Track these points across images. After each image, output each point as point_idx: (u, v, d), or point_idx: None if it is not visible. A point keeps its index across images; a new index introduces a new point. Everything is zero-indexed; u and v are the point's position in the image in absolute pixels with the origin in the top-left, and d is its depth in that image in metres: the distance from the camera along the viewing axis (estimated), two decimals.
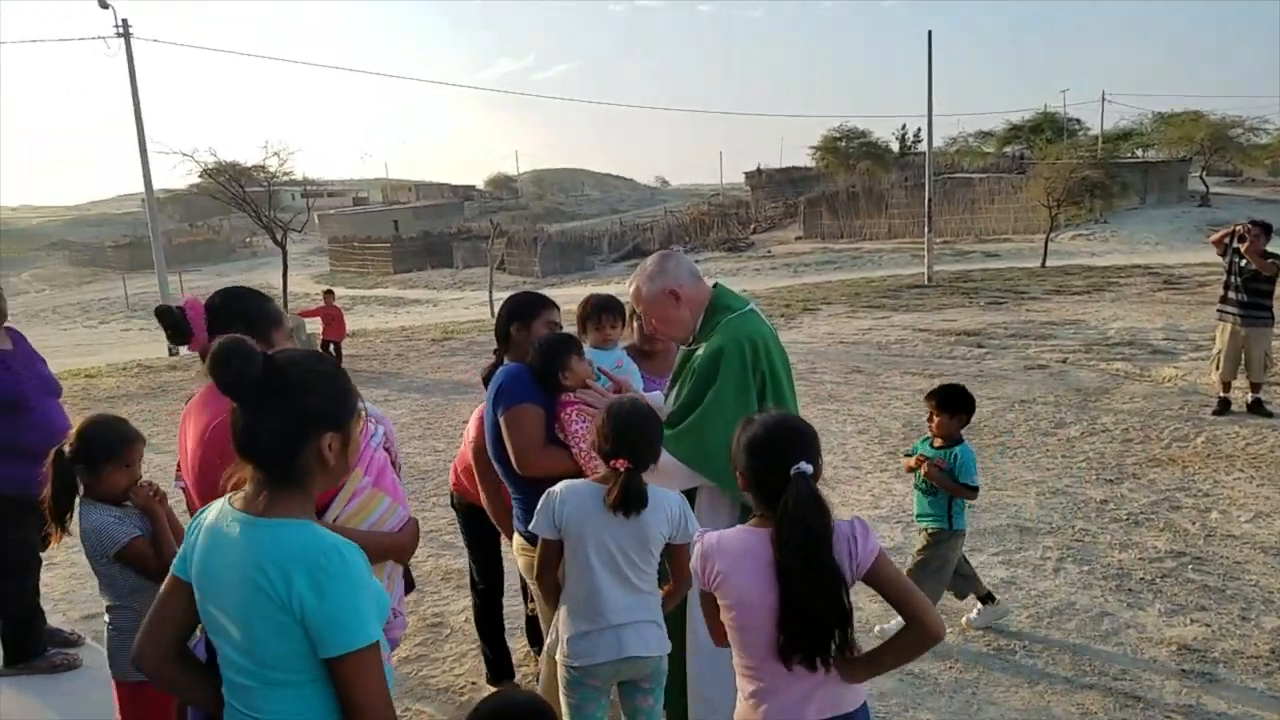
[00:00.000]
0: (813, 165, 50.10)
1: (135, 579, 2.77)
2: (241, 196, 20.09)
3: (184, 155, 19.80)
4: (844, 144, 46.95)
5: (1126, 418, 7.94)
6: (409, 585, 2.73)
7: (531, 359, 3.12)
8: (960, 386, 4.34)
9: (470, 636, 4.23)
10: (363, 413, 1.82)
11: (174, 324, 2.28)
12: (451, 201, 73.12)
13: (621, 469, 2.48)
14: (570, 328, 3.43)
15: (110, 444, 2.77)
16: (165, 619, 1.76)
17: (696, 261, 34.52)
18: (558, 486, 2.61)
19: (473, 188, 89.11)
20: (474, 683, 3.96)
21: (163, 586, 1.79)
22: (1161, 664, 3.86)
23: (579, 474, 2.86)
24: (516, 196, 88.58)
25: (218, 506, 1.73)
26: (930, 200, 23.95)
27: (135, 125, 18.22)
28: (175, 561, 1.78)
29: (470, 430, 3.59)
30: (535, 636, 4.00)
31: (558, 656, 2.63)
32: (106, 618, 2.86)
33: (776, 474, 2.01)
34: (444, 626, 4.53)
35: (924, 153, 26.24)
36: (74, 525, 2.86)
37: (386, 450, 2.52)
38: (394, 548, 2.34)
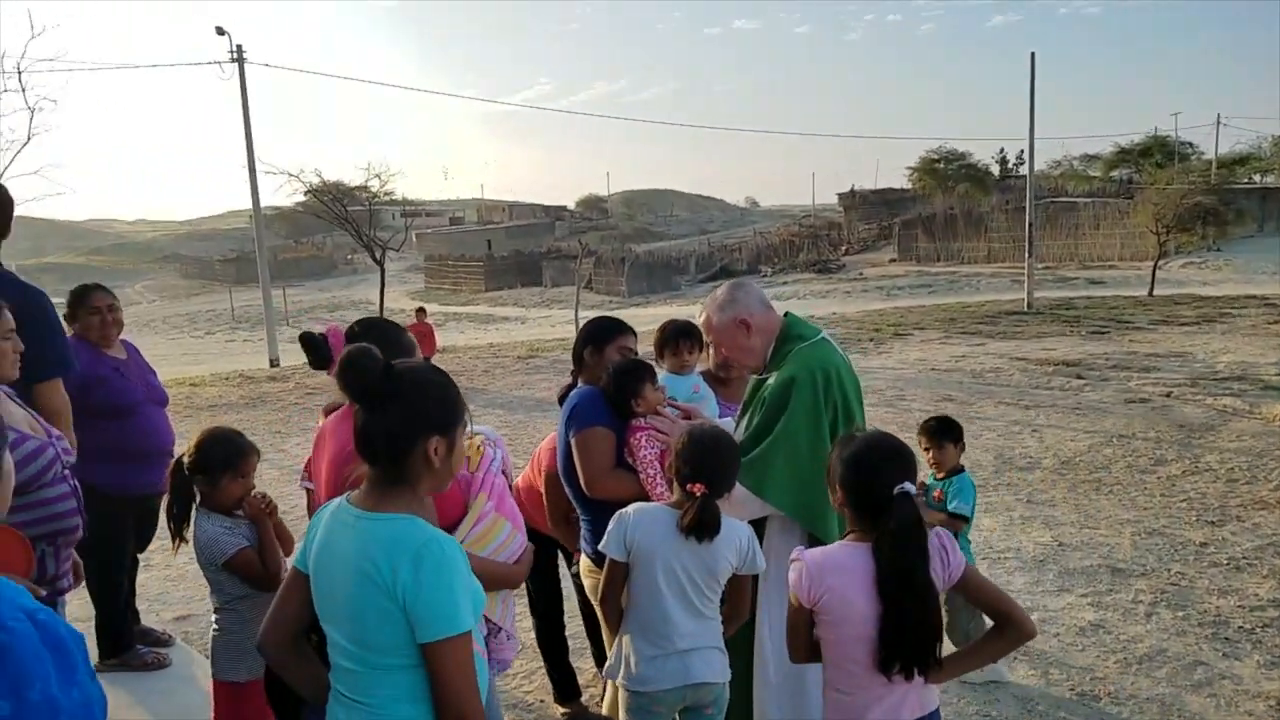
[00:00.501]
0: (909, 187, 49.38)
1: (242, 586, 2.91)
2: (344, 216, 20.83)
3: (290, 175, 20.63)
4: (942, 165, 46.18)
5: (1232, 457, 7.53)
6: None
7: (605, 383, 3.15)
8: (946, 417, 4.33)
9: (539, 654, 4.26)
10: (469, 425, 1.95)
11: (316, 349, 2.38)
12: (543, 221, 74.49)
13: (698, 494, 2.48)
14: (648, 350, 3.45)
15: (228, 456, 2.91)
16: (286, 609, 1.94)
17: (784, 283, 34.09)
18: (629, 508, 2.63)
19: (564, 208, 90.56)
20: (543, 700, 3.99)
21: (286, 578, 1.97)
22: (1258, 718, 3.63)
23: (645, 498, 2.87)
24: (606, 217, 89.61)
25: (335, 503, 1.89)
26: (1031, 224, 23.27)
27: (245, 146, 19.11)
28: (297, 555, 1.95)
29: (542, 458, 3.64)
30: (603, 658, 4.00)
31: (620, 680, 2.63)
32: (213, 619, 3.00)
33: (878, 492, 2.12)
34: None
35: (1025, 175, 25.54)
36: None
37: (503, 474, 2.58)
38: (510, 577, 2.41)
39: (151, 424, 4.07)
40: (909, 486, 2.11)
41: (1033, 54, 22.02)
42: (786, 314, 3.09)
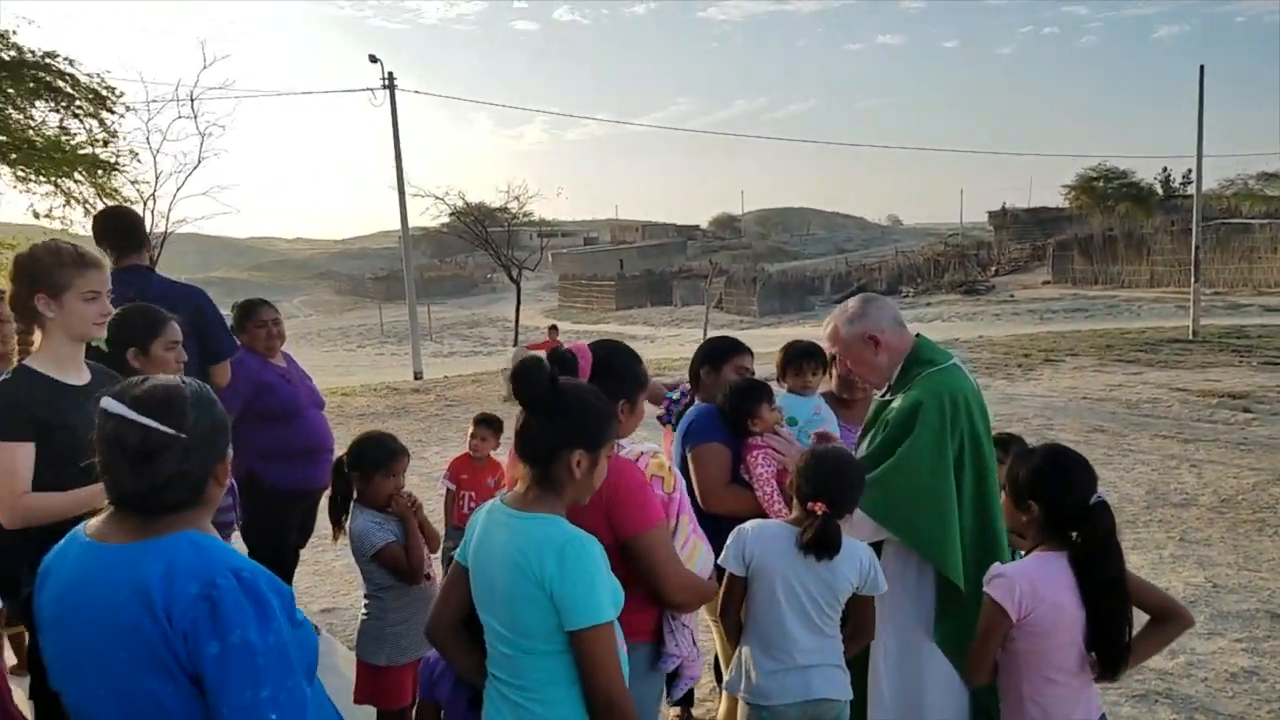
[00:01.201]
0: (1065, 205, 47.23)
1: (388, 577, 3.11)
2: (484, 237, 21.61)
3: (435, 198, 21.60)
4: (1101, 184, 43.97)
5: None
6: None
7: (722, 401, 3.18)
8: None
9: None
10: (615, 444, 2.21)
11: (564, 366, 2.47)
12: (675, 241, 75.05)
13: (819, 512, 2.48)
14: (770, 370, 3.45)
15: (381, 456, 3.15)
16: (450, 599, 2.17)
17: (927, 304, 33.04)
18: (748, 524, 2.65)
19: (696, 227, 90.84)
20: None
21: (450, 572, 2.20)
22: None
23: (760, 514, 2.88)
24: (739, 236, 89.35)
25: (491, 503, 2.10)
26: (1198, 246, 21.75)
27: (396, 169, 20.17)
28: (459, 551, 2.17)
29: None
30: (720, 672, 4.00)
31: (741, 694, 2.63)
32: (363, 604, 3.24)
33: (1075, 503, 2.29)
34: None
35: (1192, 195, 24.01)
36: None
37: None
38: (707, 592, 2.45)
39: (313, 425, 4.38)
40: (1103, 496, 2.30)
41: (1201, 67, 20.74)
42: (918, 335, 3.00)
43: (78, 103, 12.80)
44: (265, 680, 1.46)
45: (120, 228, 3.97)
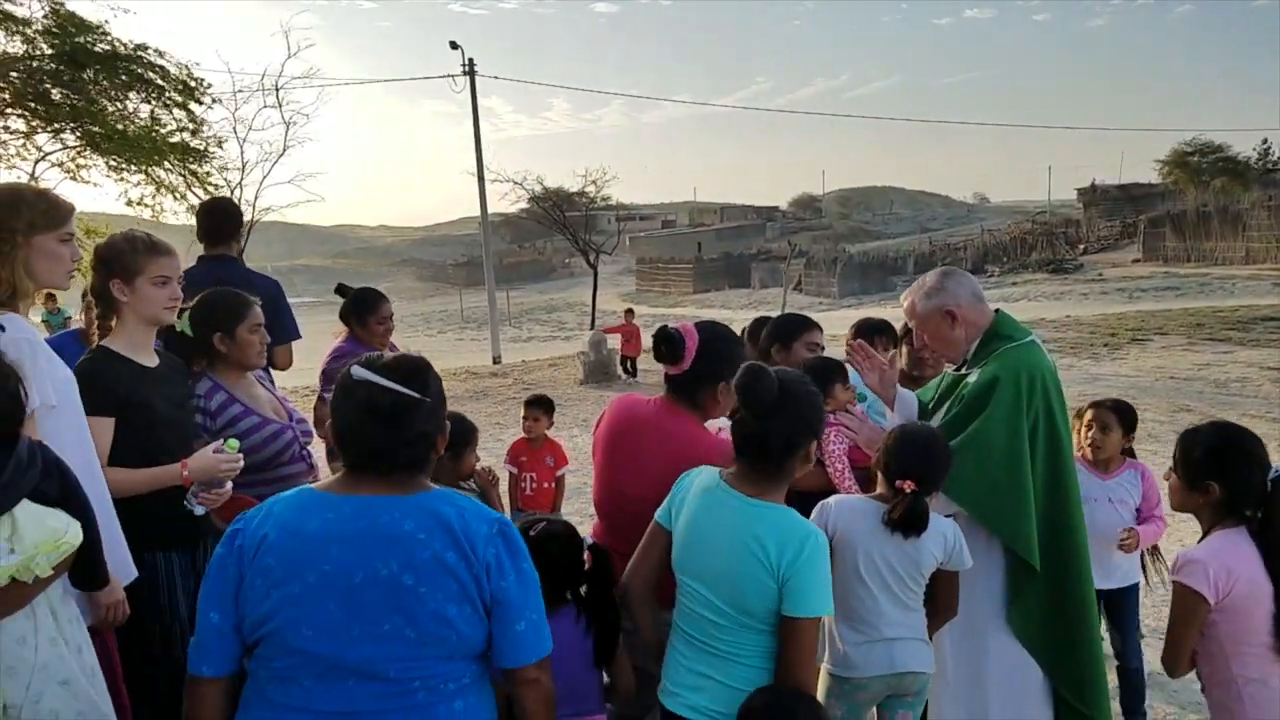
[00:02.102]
0: (1158, 182, 45.44)
1: None
2: (562, 221, 21.78)
3: (515, 184, 21.85)
4: (1196, 158, 42.14)
5: None
6: None
7: None
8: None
9: None
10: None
11: (671, 346, 2.55)
12: (754, 223, 74.30)
13: (908, 490, 2.49)
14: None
15: (467, 432, 3.39)
16: (650, 558, 2.33)
17: (1013, 284, 32.00)
18: (831, 499, 2.69)
19: (776, 209, 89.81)
20: None
21: (648, 534, 2.34)
22: None
23: (832, 491, 2.91)
24: (820, 216, 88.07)
25: (705, 477, 2.24)
26: None
27: (475, 154, 20.47)
28: (660, 513, 2.32)
29: None
30: None
31: (825, 665, 2.66)
32: None
33: (1258, 478, 2.29)
34: None
35: None
36: None
37: None
38: None
39: None
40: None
41: None
42: (997, 311, 2.98)
43: (168, 94, 13.31)
44: (538, 601, 1.81)
45: (209, 221, 4.20)
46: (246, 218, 15.23)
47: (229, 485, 2.59)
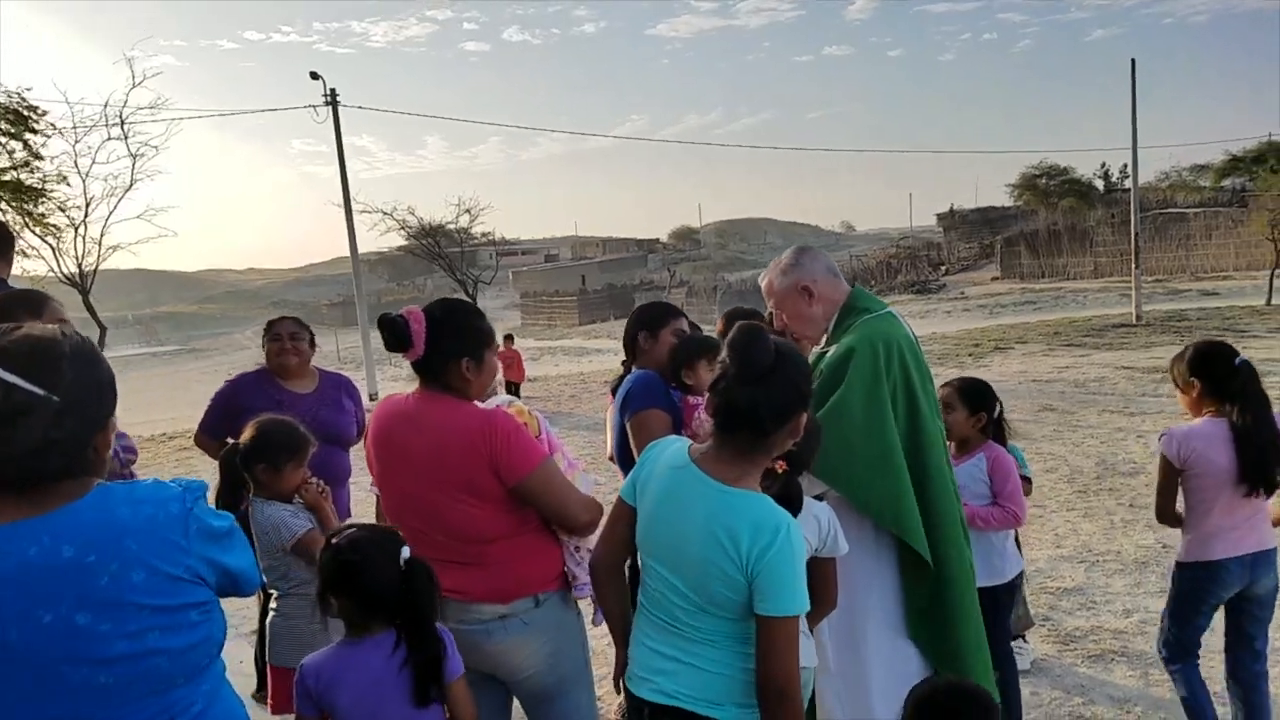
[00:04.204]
0: (1010, 204, 48.15)
1: (306, 570, 2.86)
2: (437, 252, 21.36)
3: (384, 214, 21.29)
4: (1044, 180, 44.86)
5: None
6: None
7: (664, 365, 3.14)
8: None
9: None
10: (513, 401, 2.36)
11: (396, 333, 2.39)
12: (635, 255, 75.16)
13: (780, 470, 2.31)
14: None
15: (293, 443, 2.95)
16: (616, 534, 2.14)
17: None
18: None
19: (657, 241, 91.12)
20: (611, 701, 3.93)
21: (612, 510, 2.15)
22: None
23: None
24: (699, 247, 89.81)
25: (674, 453, 2.03)
26: (1137, 234, 22.30)
27: (341, 186, 19.82)
28: (624, 488, 2.12)
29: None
30: None
31: None
32: (274, 606, 2.98)
33: (1227, 366, 2.95)
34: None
35: (1130, 189, 24.54)
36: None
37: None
38: (592, 507, 2.43)
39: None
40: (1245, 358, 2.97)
41: (1133, 60, 21.27)
42: (854, 285, 2.93)
43: None
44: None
45: None
46: (92, 257, 14.32)
47: None
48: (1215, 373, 2.97)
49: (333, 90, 19.22)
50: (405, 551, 2.09)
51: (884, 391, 2.63)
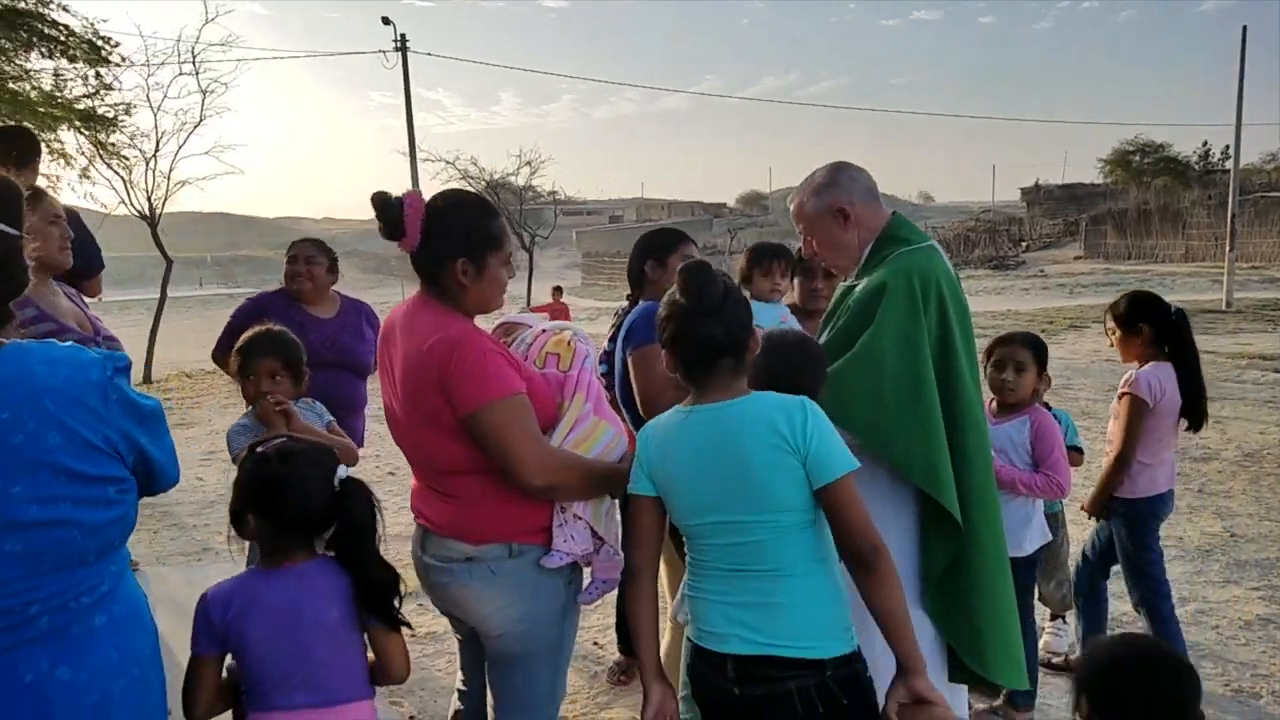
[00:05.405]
0: (1099, 181, 46.18)
1: None
2: (495, 200, 21.30)
3: (447, 163, 21.25)
4: (1138, 158, 42.83)
5: None
6: None
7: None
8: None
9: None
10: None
11: (389, 216, 2.06)
12: (701, 219, 74.38)
13: None
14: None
15: (252, 345, 2.73)
16: (646, 535, 1.98)
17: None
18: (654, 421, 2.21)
19: (723, 205, 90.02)
20: (613, 653, 3.74)
21: (631, 513, 1.99)
22: None
23: None
24: (766, 213, 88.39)
25: (664, 422, 1.96)
26: (1234, 216, 21.01)
27: (408, 134, 19.86)
28: (632, 486, 1.97)
29: None
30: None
31: (680, 618, 2.32)
32: None
33: (1165, 315, 3.27)
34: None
35: (1230, 169, 23.18)
36: None
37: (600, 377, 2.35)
38: (618, 480, 2.14)
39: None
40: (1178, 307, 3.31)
41: (1244, 27, 19.95)
42: (894, 213, 2.58)
43: (71, 52, 12.26)
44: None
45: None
46: (160, 191, 14.53)
47: None
48: (1160, 319, 3.25)
49: (403, 35, 19.20)
50: (342, 470, 1.87)
51: (921, 335, 2.31)
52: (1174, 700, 1.48)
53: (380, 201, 2.05)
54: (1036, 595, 3.70)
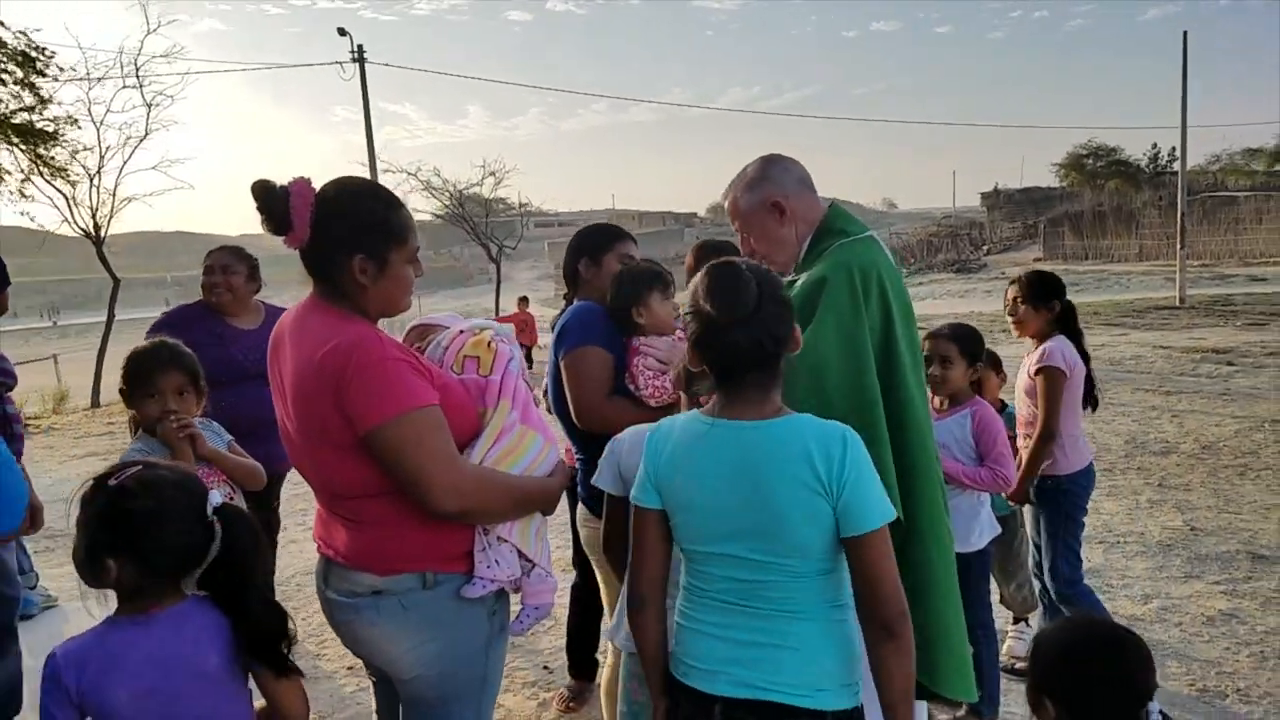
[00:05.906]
0: (1056, 185, 46.96)
1: None
2: (460, 215, 21.08)
3: (408, 174, 20.99)
4: (1091, 161, 43.60)
5: None
6: None
7: (608, 297, 2.71)
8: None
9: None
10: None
11: (273, 210, 1.78)
12: (673, 229, 74.47)
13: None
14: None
15: (147, 363, 2.49)
16: (648, 551, 1.78)
17: (921, 284, 32.68)
18: (624, 433, 2.13)
19: (694, 215, 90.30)
20: (564, 678, 3.57)
21: (636, 523, 1.79)
22: None
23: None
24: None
25: (680, 428, 1.75)
26: (1183, 215, 21.36)
27: (367, 146, 19.55)
28: (637, 493, 1.77)
29: None
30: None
31: (621, 643, 2.16)
32: None
33: (1057, 289, 3.41)
34: (549, 618, 4.17)
35: (1178, 171, 23.54)
36: None
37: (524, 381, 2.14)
38: (548, 497, 1.99)
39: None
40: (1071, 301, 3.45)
41: (1184, 33, 20.29)
42: (831, 203, 2.48)
43: (3, 65, 11.87)
44: None
45: None
46: (106, 208, 14.14)
47: None
48: (1065, 299, 3.37)
49: (360, 46, 18.91)
50: (215, 497, 1.64)
51: (863, 330, 2.20)
52: (1140, 663, 1.52)
53: (261, 190, 1.77)
54: (998, 598, 3.61)
